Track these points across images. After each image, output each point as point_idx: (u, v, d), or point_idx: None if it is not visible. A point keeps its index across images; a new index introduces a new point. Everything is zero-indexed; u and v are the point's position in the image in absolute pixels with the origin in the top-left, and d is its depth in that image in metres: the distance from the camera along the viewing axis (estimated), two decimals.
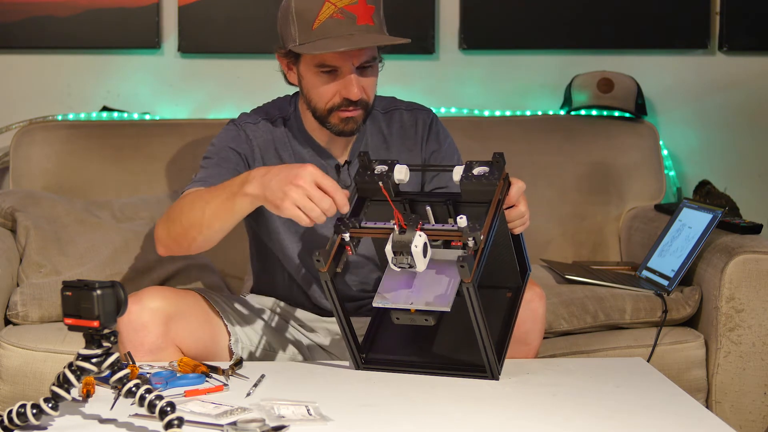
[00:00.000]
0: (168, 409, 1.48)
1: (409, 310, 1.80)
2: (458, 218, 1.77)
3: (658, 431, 1.61)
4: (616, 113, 3.24)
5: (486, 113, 3.33)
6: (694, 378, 2.50)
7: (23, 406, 1.53)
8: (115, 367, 1.53)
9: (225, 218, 1.94)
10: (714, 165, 3.41)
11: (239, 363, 1.89)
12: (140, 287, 2.14)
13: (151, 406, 1.49)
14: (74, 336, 2.33)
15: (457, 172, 1.84)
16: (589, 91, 3.23)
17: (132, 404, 1.52)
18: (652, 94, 3.37)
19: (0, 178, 3.20)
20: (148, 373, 1.79)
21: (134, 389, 1.51)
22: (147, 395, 1.50)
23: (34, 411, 1.53)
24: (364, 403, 1.71)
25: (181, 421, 1.48)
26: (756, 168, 3.44)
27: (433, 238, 1.80)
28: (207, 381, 1.81)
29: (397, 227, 1.77)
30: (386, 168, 1.90)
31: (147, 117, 3.23)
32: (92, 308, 1.50)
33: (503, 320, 1.93)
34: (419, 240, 1.76)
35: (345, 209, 1.83)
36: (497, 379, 1.84)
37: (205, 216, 1.94)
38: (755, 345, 2.48)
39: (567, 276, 2.67)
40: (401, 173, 1.89)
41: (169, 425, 1.47)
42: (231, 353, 2.09)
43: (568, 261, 3.05)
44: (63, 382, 1.54)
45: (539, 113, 3.31)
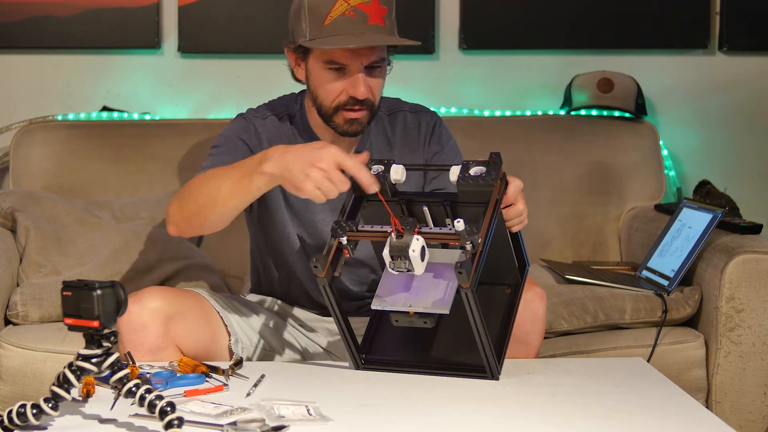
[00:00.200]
0: (168, 409, 1.48)
1: (408, 313, 1.79)
2: (455, 222, 1.76)
3: (658, 431, 1.61)
4: (616, 113, 3.23)
5: (486, 113, 3.33)
6: (694, 378, 2.50)
7: (23, 406, 1.53)
8: (115, 367, 1.53)
9: (240, 196, 1.91)
10: (714, 165, 3.41)
11: (239, 363, 1.89)
12: (140, 287, 2.13)
13: (151, 406, 1.49)
14: (74, 336, 2.33)
15: (454, 172, 1.83)
16: (589, 91, 3.23)
17: (132, 404, 1.52)
18: (652, 94, 3.37)
19: (0, 178, 3.20)
20: (148, 373, 1.79)
21: (134, 389, 1.51)
22: (147, 395, 1.50)
23: (34, 411, 1.53)
24: (364, 403, 1.71)
25: (181, 421, 1.48)
26: (756, 168, 3.44)
27: (431, 242, 1.80)
28: (207, 381, 1.81)
29: (395, 233, 1.76)
30: (382, 168, 1.89)
31: (147, 117, 3.23)
32: (92, 308, 1.50)
33: (503, 319, 1.92)
34: (417, 244, 1.75)
35: (372, 188, 1.81)
36: (497, 379, 1.84)
37: (221, 194, 1.92)
38: (755, 345, 2.48)
39: (567, 276, 2.67)
40: (398, 173, 1.88)
41: (169, 425, 1.46)
42: (231, 353, 2.09)
43: (568, 261, 3.05)
44: (63, 382, 1.54)
45: (539, 113, 3.31)
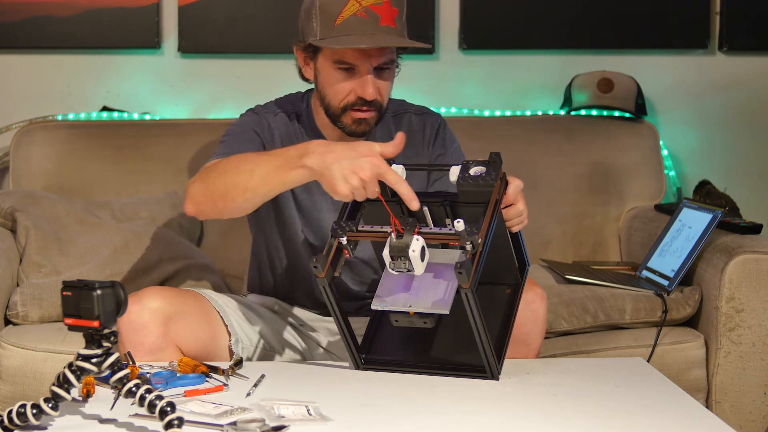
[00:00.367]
0: (168, 409, 1.48)
1: (408, 313, 1.79)
2: (455, 222, 1.76)
3: (658, 431, 1.61)
4: (616, 113, 3.23)
5: (486, 113, 3.33)
6: (694, 378, 2.50)
7: (23, 406, 1.53)
8: (115, 367, 1.53)
9: (273, 185, 1.88)
10: (714, 165, 3.41)
11: (239, 363, 1.89)
12: (140, 287, 2.13)
13: (151, 406, 1.49)
14: (74, 336, 2.33)
15: (454, 173, 1.82)
16: (589, 91, 3.23)
17: (132, 404, 1.52)
18: (652, 94, 3.37)
19: (0, 178, 3.20)
20: (148, 373, 1.79)
21: (134, 389, 1.51)
22: (147, 395, 1.50)
23: (34, 411, 1.53)
24: (364, 403, 1.71)
25: (181, 421, 1.47)
26: (756, 168, 3.44)
27: (431, 242, 1.80)
28: (207, 381, 1.81)
29: (394, 233, 1.76)
30: None
31: (147, 117, 3.23)
32: (92, 308, 1.50)
33: (503, 319, 1.92)
34: (417, 244, 1.74)
35: (414, 204, 1.77)
36: (497, 380, 1.84)
37: (253, 179, 1.88)
38: (755, 345, 2.48)
39: (567, 276, 2.67)
40: (398, 173, 1.87)
41: (169, 425, 1.46)
42: (231, 353, 2.09)
43: (568, 261, 3.05)
44: (63, 382, 1.53)
45: (539, 113, 3.31)
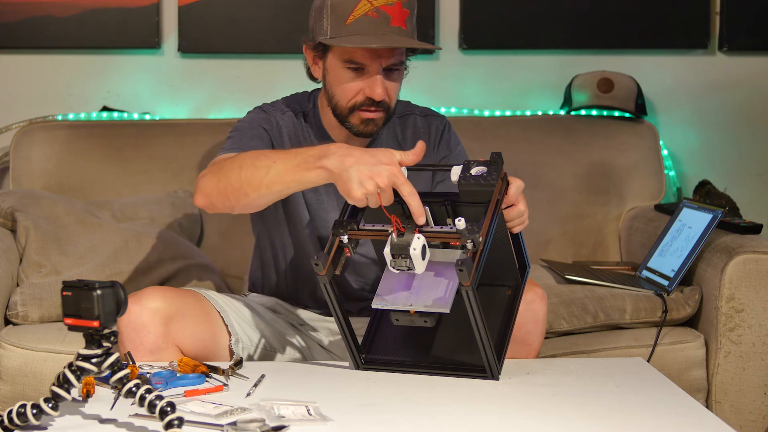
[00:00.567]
0: (168, 409, 1.48)
1: (409, 312, 1.79)
2: (456, 220, 1.76)
3: (658, 431, 1.61)
4: (616, 113, 3.23)
5: (486, 113, 3.33)
6: (694, 378, 2.50)
7: (23, 406, 1.53)
8: (115, 367, 1.53)
9: (289, 183, 1.87)
10: (714, 165, 3.41)
11: (239, 363, 1.89)
12: (140, 287, 2.14)
13: (151, 406, 1.49)
14: (74, 336, 2.33)
15: (455, 172, 1.82)
16: (589, 91, 3.23)
17: (132, 404, 1.52)
18: (652, 94, 3.37)
19: (0, 178, 3.20)
20: (148, 373, 1.79)
21: (134, 389, 1.51)
22: (147, 395, 1.50)
23: (34, 411, 1.53)
24: (364, 403, 1.71)
25: (181, 421, 1.48)
26: (756, 168, 3.44)
27: (432, 240, 1.80)
28: (207, 381, 1.81)
29: (395, 232, 1.76)
30: None
31: (147, 117, 3.23)
32: (92, 308, 1.50)
33: (503, 319, 1.92)
34: (417, 243, 1.75)
35: (420, 220, 1.77)
36: (497, 379, 1.84)
37: (269, 176, 1.87)
38: (755, 345, 2.48)
39: (567, 276, 2.67)
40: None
41: (169, 425, 1.46)
42: (231, 353, 2.09)
43: (568, 261, 3.05)
44: (63, 382, 1.53)
45: (539, 113, 3.31)
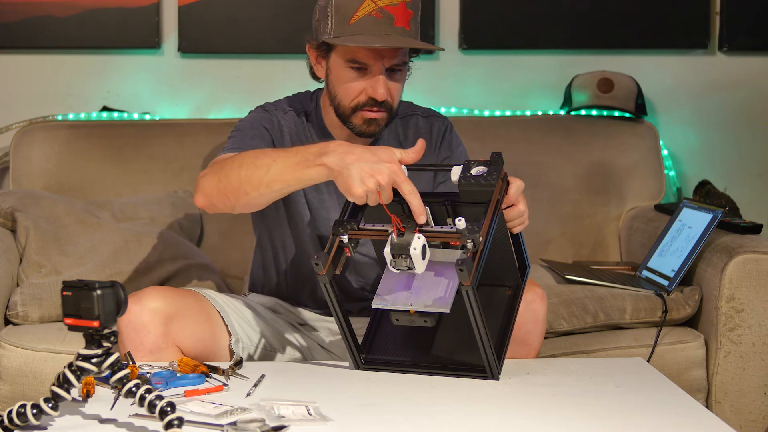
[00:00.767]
0: (168, 409, 1.48)
1: (409, 312, 1.79)
2: (457, 220, 1.76)
3: (658, 431, 1.61)
4: (616, 113, 3.24)
5: (486, 113, 3.33)
6: (694, 378, 2.50)
7: (23, 406, 1.53)
8: (115, 367, 1.53)
9: (289, 181, 1.87)
10: (714, 165, 3.41)
11: (239, 363, 1.89)
12: (140, 287, 2.14)
13: (151, 406, 1.49)
14: (74, 336, 2.33)
15: (455, 172, 1.82)
16: (589, 91, 3.23)
17: (132, 404, 1.52)
18: (652, 94, 3.37)
19: (0, 178, 3.20)
20: (148, 373, 1.79)
21: (134, 389, 1.51)
22: (147, 395, 1.50)
23: (34, 411, 1.53)
24: (364, 403, 1.71)
25: (181, 421, 1.48)
26: (756, 168, 3.44)
27: (432, 240, 1.80)
28: (207, 381, 1.81)
29: (395, 232, 1.76)
30: None
31: (147, 117, 3.23)
32: (92, 308, 1.50)
33: (503, 319, 1.92)
34: (418, 242, 1.75)
35: (420, 219, 1.77)
36: (497, 379, 1.84)
37: (269, 174, 1.87)
38: (755, 345, 2.48)
39: (567, 276, 2.67)
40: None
41: (169, 425, 1.46)
42: (231, 353, 2.09)
43: (568, 261, 3.05)
44: (63, 382, 1.53)
45: (539, 113, 3.31)
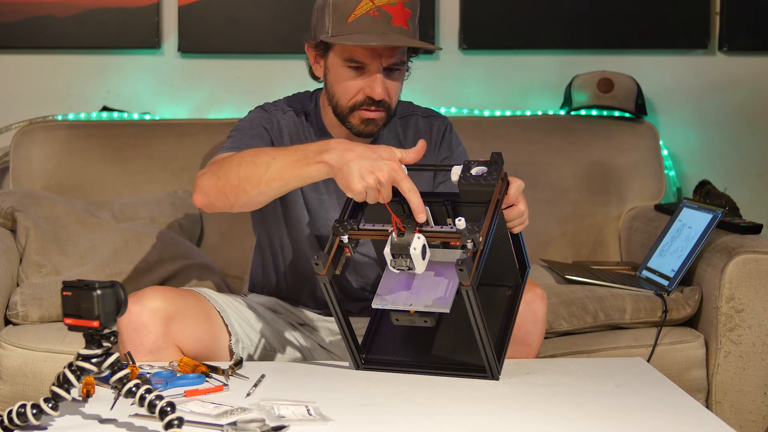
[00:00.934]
0: (168, 409, 1.48)
1: (409, 312, 1.79)
2: (457, 220, 1.76)
3: (658, 431, 1.61)
4: (616, 113, 3.24)
5: (486, 113, 3.33)
6: (694, 378, 2.50)
7: (23, 406, 1.53)
8: (115, 367, 1.53)
9: (288, 179, 1.87)
10: (714, 165, 3.41)
11: (239, 363, 1.89)
12: (140, 287, 2.13)
13: (151, 406, 1.49)
14: (74, 336, 2.33)
15: (455, 172, 1.82)
16: (589, 91, 3.23)
17: (132, 404, 1.52)
18: (652, 94, 3.37)
19: (0, 178, 3.20)
20: (148, 373, 1.79)
21: (134, 389, 1.51)
22: (147, 395, 1.50)
23: (34, 411, 1.53)
24: (364, 403, 1.71)
25: (181, 421, 1.48)
26: (756, 168, 3.44)
27: (432, 240, 1.80)
28: (207, 381, 1.81)
29: (395, 232, 1.76)
30: None
31: (147, 117, 3.23)
32: (92, 308, 1.50)
33: (503, 319, 1.92)
34: (418, 242, 1.75)
35: (420, 217, 1.77)
36: (497, 379, 1.84)
37: (268, 172, 1.87)
38: (755, 345, 2.48)
39: (567, 276, 2.67)
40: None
41: (169, 425, 1.46)
42: (231, 353, 2.09)
43: (568, 261, 3.05)
44: (63, 382, 1.53)
45: (539, 113, 3.31)
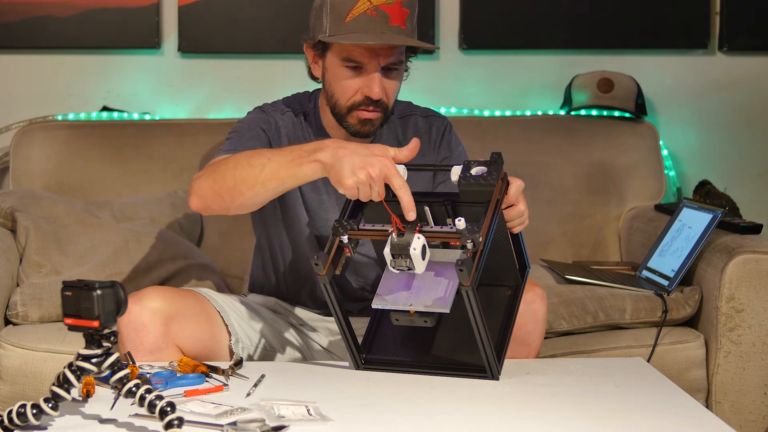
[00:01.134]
0: (168, 409, 1.48)
1: (409, 312, 1.79)
2: (457, 220, 1.76)
3: (658, 431, 1.61)
4: (616, 113, 3.24)
5: (486, 113, 3.33)
6: (694, 378, 2.50)
7: (23, 406, 1.53)
8: (115, 367, 1.53)
9: (283, 179, 1.88)
10: (714, 165, 3.41)
11: (239, 363, 1.89)
12: (140, 287, 2.13)
13: (151, 406, 1.49)
14: (74, 336, 2.33)
15: (455, 172, 1.82)
16: (589, 91, 3.23)
17: (132, 404, 1.52)
18: (652, 94, 3.37)
19: (0, 178, 3.20)
20: (148, 373, 1.79)
21: (134, 389, 1.51)
22: (147, 395, 1.50)
23: (34, 411, 1.53)
24: (364, 403, 1.71)
25: (181, 421, 1.48)
26: (756, 168, 3.44)
27: (432, 240, 1.80)
28: (207, 381, 1.81)
29: (395, 232, 1.76)
30: None
31: (147, 117, 3.23)
32: (92, 308, 1.50)
33: (503, 319, 1.92)
34: (418, 243, 1.75)
35: (410, 216, 1.78)
36: (497, 379, 1.84)
37: (264, 173, 1.88)
38: (755, 345, 2.48)
39: (567, 276, 2.67)
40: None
41: (169, 425, 1.46)
42: (231, 353, 2.09)
43: (568, 261, 3.05)
44: (63, 382, 1.53)
45: (539, 113, 3.31)
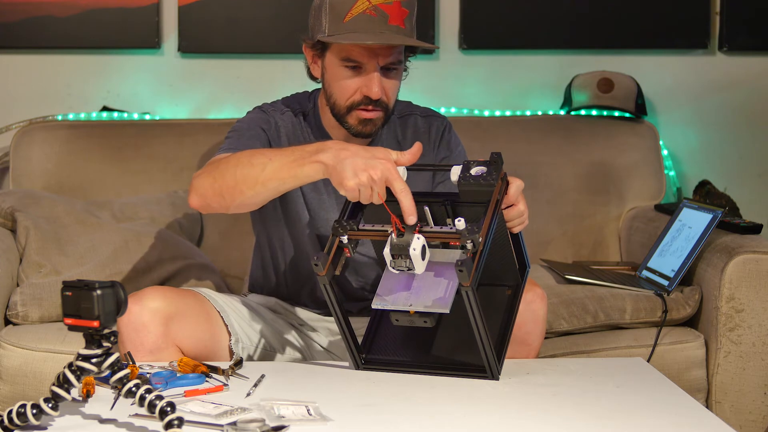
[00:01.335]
0: (168, 409, 1.48)
1: (409, 312, 1.79)
2: (456, 221, 1.76)
3: (658, 431, 1.61)
4: (616, 113, 3.24)
5: (486, 113, 3.33)
6: (694, 378, 2.50)
7: (23, 406, 1.53)
8: (115, 367, 1.53)
9: (284, 179, 1.88)
10: (714, 165, 3.41)
11: (239, 363, 1.89)
12: (140, 287, 2.13)
13: (151, 406, 1.49)
14: (74, 336, 2.33)
15: (455, 172, 1.82)
16: (589, 91, 3.23)
17: (132, 404, 1.52)
18: (652, 94, 3.37)
19: (0, 178, 3.20)
20: (148, 373, 1.79)
21: (134, 389, 1.51)
22: (147, 395, 1.50)
23: (34, 411, 1.53)
24: (364, 403, 1.71)
25: (181, 421, 1.48)
26: (756, 168, 3.44)
27: (432, 240, 1.80)
28: (207, 381, 1.81)
29: (395, 233, 1.76)
30: None
31: (147, 117, 3.23)
32: (92, 308, 1.50)
33: (503, 319, 1.92)
34: (417, 243, 1.75)
35: (411, 219, 1.77)
36: (497, 379, 1.84)
37: (264, 172, 1.88)
38: (755, 345, 2.48)
39: (567, 276, 2.67)
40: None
41: (169, 425, 1.46)
42: (231, 353, 2.09)
43: (568, 261, 3.05)
44: (63, 382, 1.54)
45: (539, 113, 3.31)
